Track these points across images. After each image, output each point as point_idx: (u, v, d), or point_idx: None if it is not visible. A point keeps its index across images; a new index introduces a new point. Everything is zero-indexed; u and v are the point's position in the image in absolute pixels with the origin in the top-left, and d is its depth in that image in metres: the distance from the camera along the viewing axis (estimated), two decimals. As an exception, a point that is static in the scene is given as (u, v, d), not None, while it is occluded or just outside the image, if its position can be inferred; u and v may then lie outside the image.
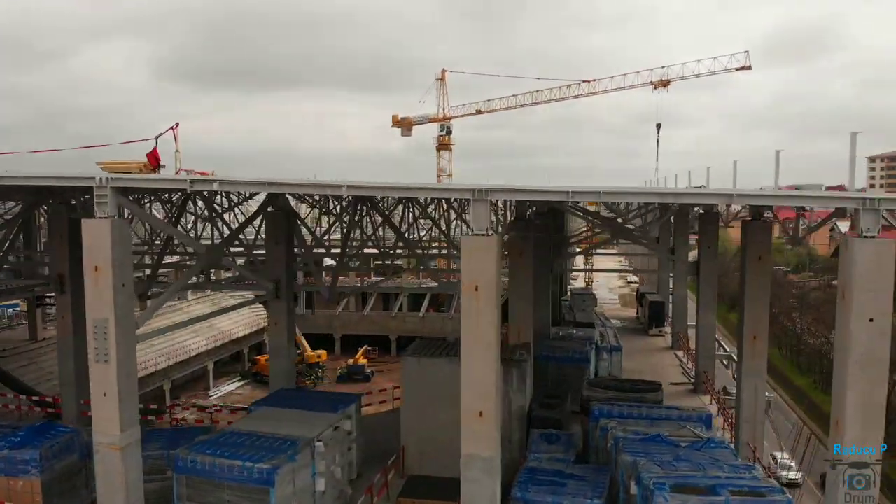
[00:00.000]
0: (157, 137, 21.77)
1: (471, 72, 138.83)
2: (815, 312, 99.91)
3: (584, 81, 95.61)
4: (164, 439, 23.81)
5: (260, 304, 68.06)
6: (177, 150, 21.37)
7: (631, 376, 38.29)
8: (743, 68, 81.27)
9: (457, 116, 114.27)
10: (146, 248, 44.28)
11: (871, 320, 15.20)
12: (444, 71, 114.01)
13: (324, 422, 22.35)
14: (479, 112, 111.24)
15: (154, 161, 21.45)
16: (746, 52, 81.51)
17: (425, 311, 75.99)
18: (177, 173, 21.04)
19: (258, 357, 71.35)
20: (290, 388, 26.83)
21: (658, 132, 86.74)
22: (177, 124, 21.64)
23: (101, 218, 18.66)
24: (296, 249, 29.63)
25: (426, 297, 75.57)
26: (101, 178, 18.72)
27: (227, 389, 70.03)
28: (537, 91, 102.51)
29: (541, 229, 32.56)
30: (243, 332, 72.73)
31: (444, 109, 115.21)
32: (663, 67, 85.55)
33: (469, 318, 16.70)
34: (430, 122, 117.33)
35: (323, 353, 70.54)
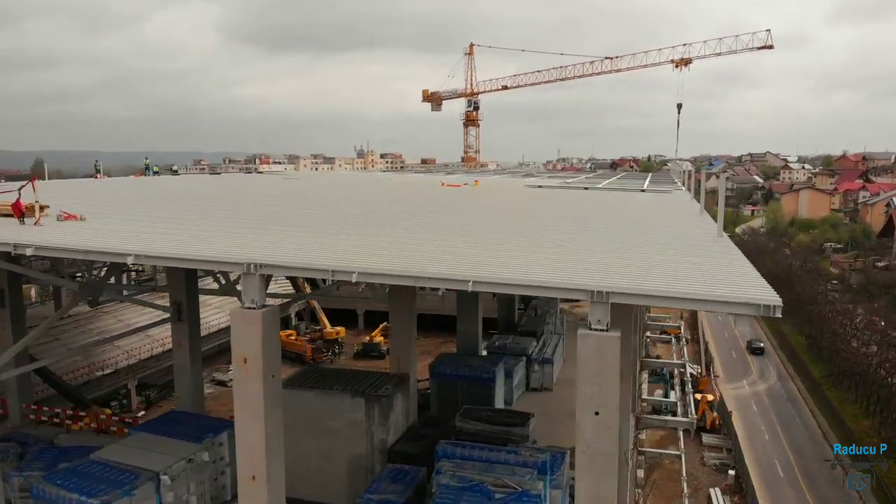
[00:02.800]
0: (20, 189, 23.25)
1: (499, 46, 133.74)
2: (846, 297, 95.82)
3: (606, 58, 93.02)
4: (49, 458, 25.85)
5: (287, 278, 70.45)
6: (36, 201, 22.77)
7: (564, 387, 38.44)
8: (764, 47, 77.21)
9: (484, 92, 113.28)
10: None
11: (596, 413, 15.24)
12: (472, 45, 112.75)
13: (179, 453, 23.81)
14: (505, 88, 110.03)
15: (17, 211, 22.97)
16: (768, 30, 77.24)
17: (444, 290, 76.76)
18: (36, 223, 22.50)
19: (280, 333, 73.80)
20: (179, 412, 28.38)
21: (679, 112, 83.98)
22: (35, 177, 23.04)
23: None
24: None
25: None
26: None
27: (248, 364, 73.39)
28: (561, 67, 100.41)
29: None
30: (269, 307, 75.30)
31: (471, 84, 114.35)
32: (684, 45, 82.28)
33: (239, 388, 17.58)
34: (458, 96, 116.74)
35: (342, 329, 72.19)
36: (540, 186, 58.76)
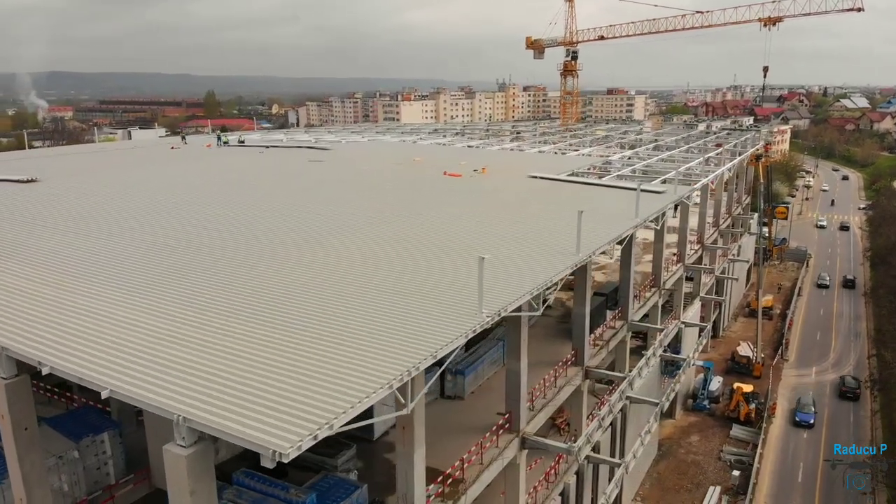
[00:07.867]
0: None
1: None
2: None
3: (697, 12, 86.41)
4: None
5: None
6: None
7: (479, 396, 40.61)
8: (853, 9, 67.71)
9: (582, 42, 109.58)
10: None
11: (183, 514, 18.57)
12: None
13: (55, 450, 29.65)
14: (601, 38, 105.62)
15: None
16: (858, -10, 67.32)
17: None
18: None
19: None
20: (90, 409, 33.87)
21: (765, 76, 77.33)
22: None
23: None
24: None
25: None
26: None
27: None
28: (654, 20, 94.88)
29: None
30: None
31: (571, 33, 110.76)
32: (774, 2, 74.27)
33: (2, 436, 22.86)
34: (557, 45, 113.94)
35: None
36: (544, 178, 57.60)
